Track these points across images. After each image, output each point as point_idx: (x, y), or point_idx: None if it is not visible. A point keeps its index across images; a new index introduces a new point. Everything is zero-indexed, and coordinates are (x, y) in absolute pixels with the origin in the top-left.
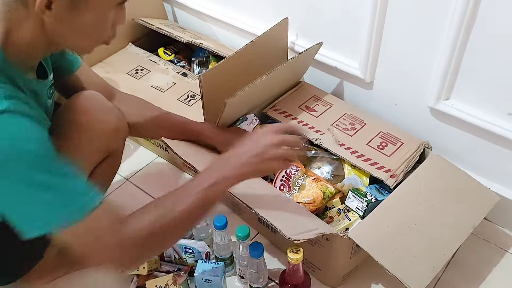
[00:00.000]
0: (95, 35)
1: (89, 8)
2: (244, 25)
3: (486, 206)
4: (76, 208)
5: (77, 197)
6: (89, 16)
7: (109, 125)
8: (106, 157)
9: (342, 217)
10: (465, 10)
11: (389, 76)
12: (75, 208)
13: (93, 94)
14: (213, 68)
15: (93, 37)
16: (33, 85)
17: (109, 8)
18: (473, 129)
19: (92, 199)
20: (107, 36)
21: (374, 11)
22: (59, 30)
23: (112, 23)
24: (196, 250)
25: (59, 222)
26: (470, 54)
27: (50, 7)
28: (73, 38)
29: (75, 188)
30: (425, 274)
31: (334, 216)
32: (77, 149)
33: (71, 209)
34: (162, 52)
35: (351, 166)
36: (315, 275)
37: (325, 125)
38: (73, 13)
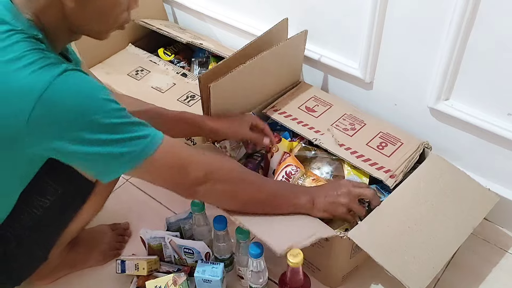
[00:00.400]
0: (111, 18)
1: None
2: (244, 25)
3: (486, 206)
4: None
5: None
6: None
7: None
8: None
9: None
10: (464, 10)
11: (389, 77)
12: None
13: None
14: (213, 69)
15: (109, 20)
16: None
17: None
18: (472, 129)
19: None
20: (123, 20)
21: (374, 11)
22: (80, 14)
23: (128, 6)
24: (196, 250)
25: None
26: (470, 54)
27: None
28: (92, 21)
29: (143, 124)
30: (425, 275)
31: None
32: None
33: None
34: (162, 53)
35: (350, 167)
36: (315, 276)
37: (325, 125)
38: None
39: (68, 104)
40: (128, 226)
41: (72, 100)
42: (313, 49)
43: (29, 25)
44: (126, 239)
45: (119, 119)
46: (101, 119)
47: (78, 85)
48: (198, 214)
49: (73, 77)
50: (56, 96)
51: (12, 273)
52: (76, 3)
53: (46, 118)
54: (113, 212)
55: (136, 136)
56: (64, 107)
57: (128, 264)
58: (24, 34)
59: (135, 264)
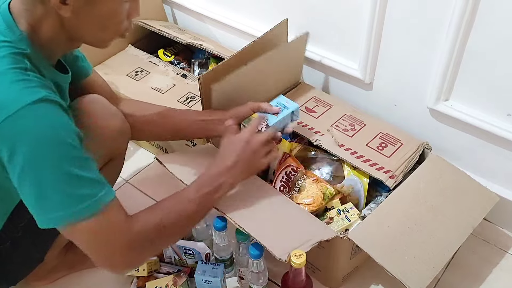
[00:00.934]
0: (112, 27)
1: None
2: (243, 26)
3: (486, 206)
4: (92, 203)
5: (96, 191)
6: (105, 8)
7: (113, 129)
8: (109, 160)
9: (341, 218)
10: (464, 11)
11: (388, 77)
12: (92, 203)
13: (97, 98)
14: (213, 70)
15: (110, 29)
16: (57, 78)
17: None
18: (472, 129)
19: (106, 194)
20: (124, 28)
21: (374, 12)
22: (77, 24)
23: (128, 15)
24: (196, 251)
25: (74, 216)
26: (469, 55)
27: (66, 2)
28: (91, 31)
29: (94, 182)
30: (425, 275)
31: (333, 217)
32: None
33: (88, 204)
34: (161, 54)
35: (350, 167)
36: (315, 276)
37: (325, 126)
38: (89, 6)
39: (28, 136)
40: None
41: (34, 134)
42: (313, 50)
43: (20, 37)
44: None
45: (72, 168)
46: (62, 163)
47: (45, 121)
48: None
49: (44, 110)
50: (20, 123)
51: (8, 273)
52: (73, 14)
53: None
54: None
55: (78, 194)
56: (23, 137)
57: None
58: (12, 48)
59: None
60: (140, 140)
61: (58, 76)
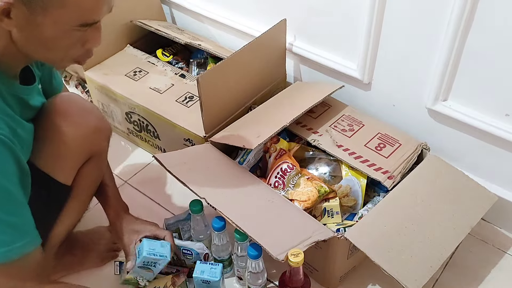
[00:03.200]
0: (59, 50)
1: (48, 21)
2: (242, 26)
3: (484, 206)
4: (6, 251)
5: (14, 239)
6: (49, 29)
7: (88, 126)
8: (90, 158)
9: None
10: (463, 11)
11: (387, 77)
12: (5, 251)
13: (71, 96)
14: (211, 70)
15: (57, 52)
16: (17, 91)
17: (71, 25)
18: (470, 130)
19: (25, 246)
20: (77, 55)
21: (372, 12)
22: (23, 40)
23: (83, 43)
24: (194, 251)
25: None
26: (468, 55)
27: (9, 16)
28: (37, 50)
29: (17, 230)
30: (422, 274)
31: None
32: (57, 152)
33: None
34: (160, 54)
35: (348, 167)
36: (313, 276)
37: (323, 126)
38: (33, 24)
39: None
40: None
41: None
42: (311, 50)
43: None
44: None
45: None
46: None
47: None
48: (197, 215)
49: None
50: None
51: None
52: (17, 29)
53: None
54: None
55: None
56: None
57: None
58: None
59: None
60: None
61: (18, 89)
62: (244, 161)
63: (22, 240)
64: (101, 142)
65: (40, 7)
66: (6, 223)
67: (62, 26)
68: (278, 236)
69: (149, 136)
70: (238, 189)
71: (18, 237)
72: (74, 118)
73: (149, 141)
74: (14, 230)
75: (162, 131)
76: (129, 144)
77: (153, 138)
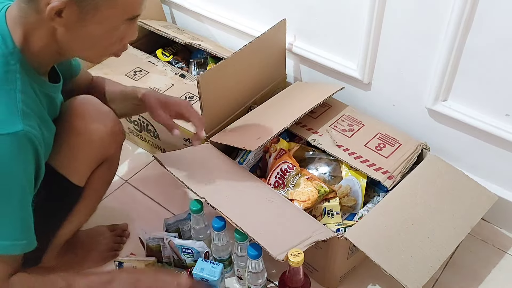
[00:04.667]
0: (101, 47)
1: (97, 20)
2: (242, 26)
3: (484, 206)
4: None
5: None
6: (97, 28)
7: (105, 130)
8: (103, 162)
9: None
10: (462, 11)
11: (387, 77)
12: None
13: (89, 99)
14: (211, 70)
15: (99, 49)
16: (48, 89)
17: (118, 22)
18: (470, 130)
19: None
20: (116, 49)
21: (372, 12)
22: (68, 39)
23: (122, 37)
24: (195, 250)
25: None
26: (468, 55)
27: (61, 15)
28: (80, 48)
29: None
30: (422, 274)
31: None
32: (74, 153)
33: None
34: (160, 54)
35: (348, 168)
36: (312, 276)
37: (323, 126)
38: (81, 23)
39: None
40: (127, 227)
41: None
42: (311, 50)
43: (13, 51)
44: (124, 240)
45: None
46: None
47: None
48: (197, 215)
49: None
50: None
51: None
52: (65, 28)
53: None
54: (112, 213)
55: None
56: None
57: (126, 266)
58: (4, 64)
59: (133, 266)
60: None
61: (48, 87)
62: (244, 161)
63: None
64: (116, 146)
65: (91, 6)
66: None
67: (109, 23)
68: (278, 236)
69: (149, 136)
70: (238, 189)
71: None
72: (92, 121)
73: (149, 141)
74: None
75: (162, 131)
76: (129, 144)
77: (153, 138)
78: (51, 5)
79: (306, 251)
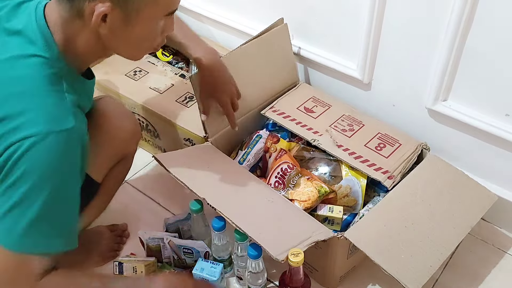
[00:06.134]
0: (146, 44)
1: (140, 19)
2: (242, 26)
3: (484, 205)
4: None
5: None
6: (141, 27)
7: (126, 130)
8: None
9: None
10: (462, 11)
11: (387, 77)
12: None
13: (112, 100)
14: None
15: (144, 46)
16: (85, 87)
17: (159, 18)
18: (470, 130)
19: (58, 245)
20: (157, 44)
21: (372, 12)
22: (113, 41)
23: (162, 31)
24: (195, 250)
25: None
26: (468, 55)
27: (105, 20)
28: (126, 48)
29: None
30: (422, 273)
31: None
32: (97, 150)
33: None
34: (160, 54)
35: (348, 168)
36: (312, 276)
37: (323, 126)
38: (126, 25)
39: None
40: (126, 227)
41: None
42: (311, 50)
43: (57, 54)
44: (124, 240)
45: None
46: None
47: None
48: (197, 215)
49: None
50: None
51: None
52: (111, 32)
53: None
54: (112, 213)
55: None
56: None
57: (126, 267)
58: (49, 66)
59: (133, 267)
60: None
61: (87, 85)
62: (244, 161)
63: (74, 237)
64: (134, 145)
65: (134, 8)
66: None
67: (152, 21)
68: (278, 236)
69: (149, 136)
70: (238, 189)
71: (74, 233)
72: (115, 121)
73: (149, 141)
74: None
75: (162, 131)
76: None
77: (153, 138)
78: (97, 12)
79: (306, 251)
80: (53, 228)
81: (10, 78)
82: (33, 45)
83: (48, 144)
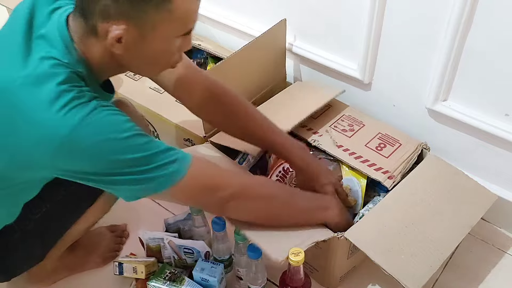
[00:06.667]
0: (162, 62)
1: (157, 35)
2: (242, 26)
3: (484, 205)
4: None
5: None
6: (156, 46)
7: None
8: None
9: None
10: (462, 11)
11: (387, 77)
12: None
13: (125, 102)
14: (211, 70)
15: (161, 63)
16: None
17: (176, 38)
18: (470, 130)
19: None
20: (174, 61)
21: (372, 12)
22: (129, 58)
23: (178, 49)
24: (196, 250)
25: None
26: (468, 55)
27: (121, 41)
28: (142, 65)
29: (169, 156)
30: (422, 273)
31: None
32: None
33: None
34: None
35: (348, 168)
36: (313, 276)
37: (323, 126)
38: (141, 44)
39: (91, 146)
40: (126, 227)
41: (95, 143)
42: (312, 50)
43: (77, 60)
44: (124, 240)
45: (142, 153)
46: (124, 156)
47: (102, 126)
48: (197, 216)
49: (98, 117)
50: (80, 139)
51: (8, 267)
52: (126, 50)
53: (70, 158)
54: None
55: (162, 163)
56: (87, 150)
57: (126, 267)
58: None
59: (133, 267)
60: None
61: (108, 98)
62: (244, 161)
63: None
64: None
65: (150, 26)
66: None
67: (168, 39)
68: (278, 237)
69: None
70: None
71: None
72: None
73: None
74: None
75: (162, 131)
76: None
77: None
78: (112, 35)
79: (306, 251)
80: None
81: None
82: (54, 48)
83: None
